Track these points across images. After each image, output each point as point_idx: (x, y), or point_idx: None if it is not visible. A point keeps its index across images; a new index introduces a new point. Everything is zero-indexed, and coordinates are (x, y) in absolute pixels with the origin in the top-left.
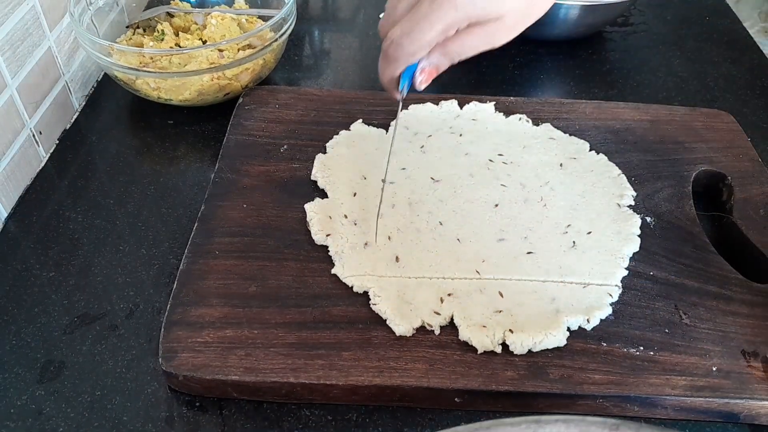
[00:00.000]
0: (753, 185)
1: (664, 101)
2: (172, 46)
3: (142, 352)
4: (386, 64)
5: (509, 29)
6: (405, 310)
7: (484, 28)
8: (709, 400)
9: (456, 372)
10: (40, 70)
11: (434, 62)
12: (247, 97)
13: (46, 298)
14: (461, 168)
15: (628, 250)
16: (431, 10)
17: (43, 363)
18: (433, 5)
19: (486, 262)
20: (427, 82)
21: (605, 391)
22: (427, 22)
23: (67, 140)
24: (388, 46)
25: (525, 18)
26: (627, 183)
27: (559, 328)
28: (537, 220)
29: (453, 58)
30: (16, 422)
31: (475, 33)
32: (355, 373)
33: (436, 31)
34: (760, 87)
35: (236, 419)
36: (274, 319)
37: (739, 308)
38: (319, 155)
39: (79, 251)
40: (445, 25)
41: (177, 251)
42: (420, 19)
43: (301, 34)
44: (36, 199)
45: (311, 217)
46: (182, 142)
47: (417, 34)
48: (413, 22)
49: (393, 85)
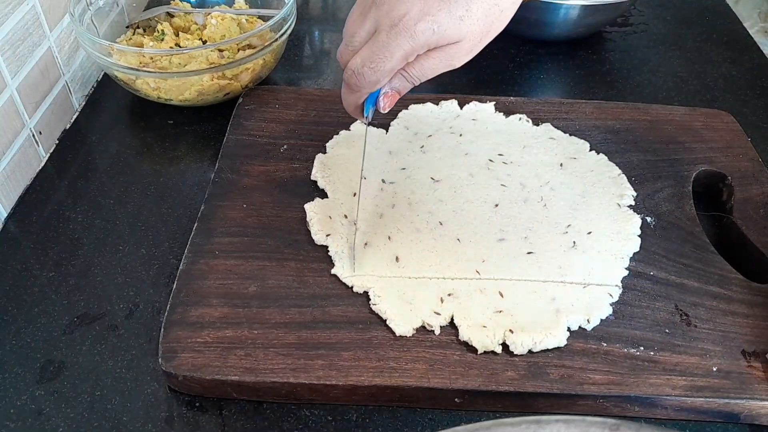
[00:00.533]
0: (753, 185)
1: (664, 101)
2: (172, 46)
3: (142, 352)
4: (349, 92)
5: (468, 51)
6: (405, 310)
7: (443, 50)
8: (710, 401)
9: (456, 372)
10: (40, 70)
11: (396, 86)
12: (247, 97)
13: (45, 298)
14: (461, 168)
15: (629, 250)
16: (390, 39)
17: (43, 363)
18: (391, 34)
19: (486, 262)
20: (390, 105)
21: (605, 391)
22: (387, 51)
23: (67, 140)
24: (349, 76)
25: (483, 39)
26: (627, 183)
27: (559, 328)
28: (537, 220)
29: (414, 81)
30: (15, 422)
31: (434, 56)
32: (355, 374)
33: (396, 60)
34: (760, 87)
35: (236, 419)
36: (274, 319)
37: (739, 308)
38: (319, 155)
39: (79, 251)
40: (405, 53)
41: (177, 251)
42: (380, 48)
43: (301, 34)
44: (36, 199)
45: (311, 217)
46: (182, 142)
47: (378, 64)
48: (373, 52)
49: (358, 111)
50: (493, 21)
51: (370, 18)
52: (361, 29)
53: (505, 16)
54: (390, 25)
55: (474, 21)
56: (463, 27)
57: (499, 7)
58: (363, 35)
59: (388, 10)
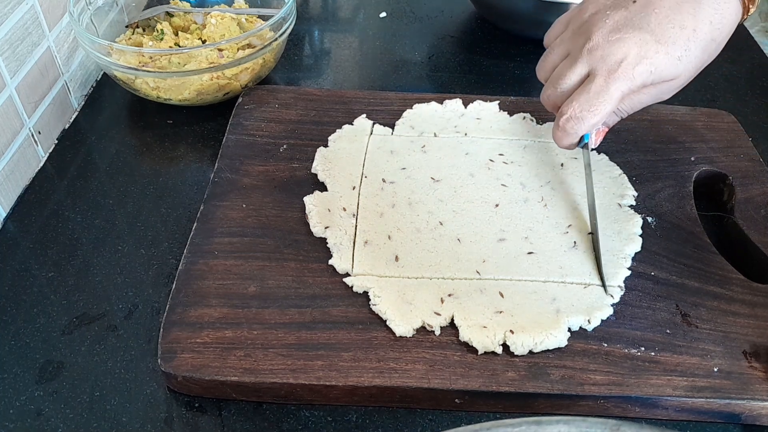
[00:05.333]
0: (754, 185)
1: (665, 101)
2: (172, 45)
3: (141, 353)
4: (565, 136)
5: (680, 86)
6: (405, 310)
7: (656, 87)
8: (711, 401)
9: (456, 373)
10: (40, 70)
11: (606, 122)
12: (246, 97)
13: (45, 299)
14: (462, 168)
15: (630, 250)
16: (609, 84)
17: (42, 363)
18: (610, 79)
19: (486, 263)
20: (599, 140)
21: (606, 391)
22: (606, 96)
23: (66, 140)
24: (566, 120)
25: (696, 71)
26: (628, 183)
27: (559, 328)
28: (537, 220)
29: (623, 115)
30: (15, 422)
31: (645, 92)
32: (354, 374)
33: (614, 103)
34: (760, 87)
35: (235, 420)
36: (274, 320)
37: (740, 308)
38: (321, 149)
39: (78, 251)
40: (622, 96)
41: (176, 251)
42: (598, 93)
43: (301, 34)
44: (35, 199)
45: (310, 209)
46: (181, 141)
47: (597, 107)
48: (591, 96)
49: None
50: (710, 55)
51: (582, 63)
52: (570, 73)
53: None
54: (608, 70)
55: (691, 60)
56: (681, 66)
57: (716, 42)
58: (575, 79)
59: (603, 55)
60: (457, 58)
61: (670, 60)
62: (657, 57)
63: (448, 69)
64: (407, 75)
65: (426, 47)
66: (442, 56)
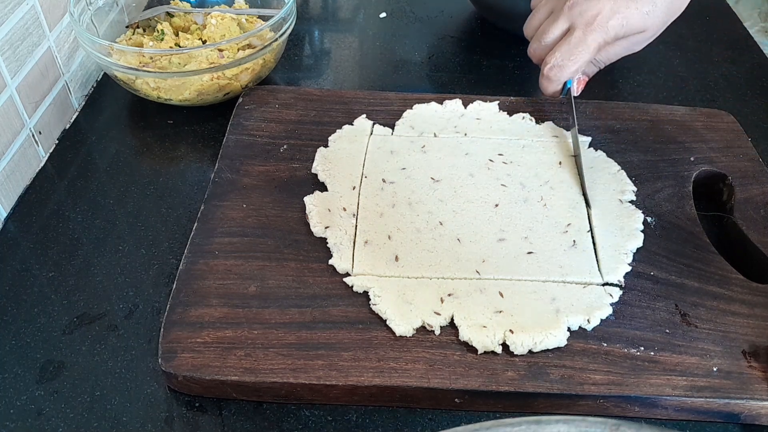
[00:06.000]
0: (753, 185)
1: (664, 101)
2: (172, 45)
3: (142, 353)
4: (549, 83)
5: (650, 38)
6: (405, 310)
7: (627, 39)
8: (710, 401)
9: (456, 372)
10: (40, 70)
11: (586, 71)
12: (246, 97)
13: (45, 298)
14: (461, 168)
15: (632, 245)
16: (586, 35)
17: (43, 363)
18: (587, 31)
19: (486, 262)
20: (582, 88)
21: (606, 391)
22: (584, 45)
23: (66, 140)
24: (550, 69)
25: (664, 25)
26: (627, 179)
27: (559, 328)
28: (537, 219)
29: (600, 65)
30: (15, 422)
31: (619, 44)
32: (355, 374)
33: (591, 52)
34: (760, 87)
35: (236, 420)
36: (274, 319)
37: (739, 308)
38: (321, 149)
39: (78, 251)
40: (598, 46)
41: (176, 251)
42: (577, 43)
43: (301, 34)
44: (35, 199)
45: (310, 209)
46: (182, 142)
47: (577, 56)
48: (572, 46)
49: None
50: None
51: (563, 18)
52: (553, 28)
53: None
54: (585, 23)
55: (658, 14)
56: (648, 20)
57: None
58: (557, 33)
59: (581, 10)
60: (457, 58)
61: (639, 14)
62: (628, 11)
63: (448, 69)
64: (407, 75)
65: (426, 47)
66: (442, 56)
